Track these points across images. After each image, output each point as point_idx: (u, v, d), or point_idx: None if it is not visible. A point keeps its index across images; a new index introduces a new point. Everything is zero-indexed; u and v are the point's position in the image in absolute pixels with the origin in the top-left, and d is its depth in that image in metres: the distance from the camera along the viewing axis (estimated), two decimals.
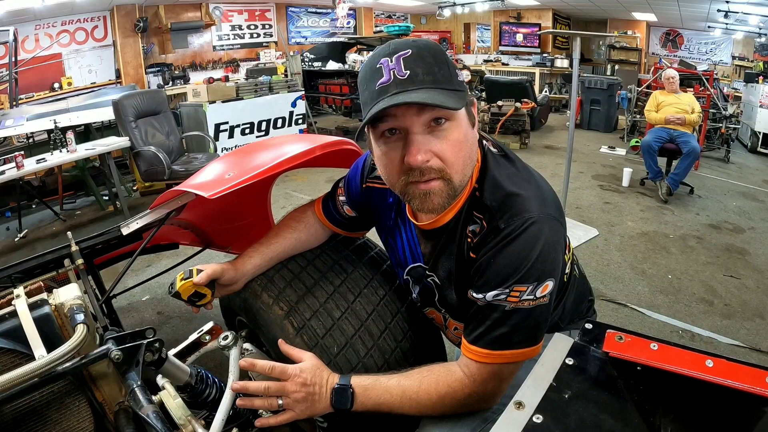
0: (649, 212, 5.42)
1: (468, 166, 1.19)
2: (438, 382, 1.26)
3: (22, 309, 1.55)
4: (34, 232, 5.56)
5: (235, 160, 1.96)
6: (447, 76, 1.09)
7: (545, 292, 1.14)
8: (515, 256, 1.13)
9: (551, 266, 1.14)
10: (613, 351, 0.94)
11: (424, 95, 1.05)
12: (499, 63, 13.77)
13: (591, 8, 12.11)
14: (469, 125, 1.16)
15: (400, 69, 1.07)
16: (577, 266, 1.55)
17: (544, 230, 1.13)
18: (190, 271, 1.56)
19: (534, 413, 0.79)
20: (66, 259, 2.04)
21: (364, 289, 1.67)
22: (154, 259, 3.86)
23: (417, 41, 1.10)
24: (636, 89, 8.96)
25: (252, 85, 7.23)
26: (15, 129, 6.09)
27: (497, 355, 1.18)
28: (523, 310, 1.14)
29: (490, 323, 1.18)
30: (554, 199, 1.23)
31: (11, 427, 1.47)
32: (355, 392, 1.29)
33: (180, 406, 1.60)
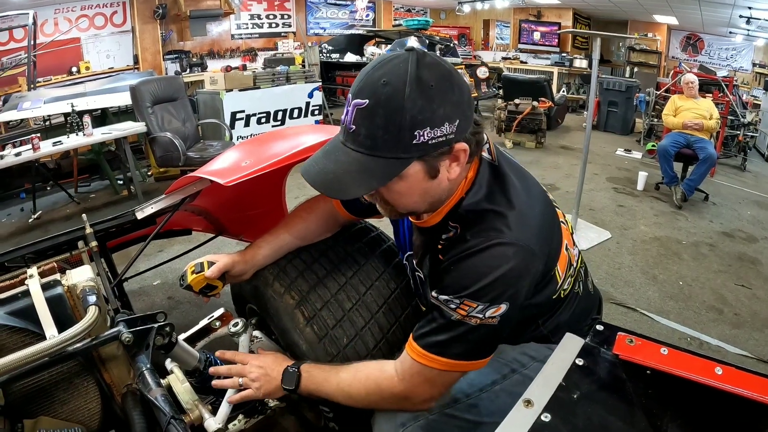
0: (662, 217, 5.37)
1: (422, 204, 1.19)
2: (368, 377, 1.31)
3: (35, 289, 1.56)
4: (48, 213, 5.60)
5: (251, 148, 1.97)
6: (392, 141, 1.02)
7: (496, 314, 1.12)
8: (473, 271, 1.13)
9: (510, 292, 1.12)
10: (624, 354, 0.94)
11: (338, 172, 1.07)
12: (518, 61, 13.70)
13: (612, 9, 12.00)
14: (424, 178, 1.11)
15: (351, 120, 1.06)
16: (583, 284, 1.49)
17: (509, 255, 1.11)
18: (201, 264, 1.59)
19: (542, 412, 0.80)
20: (80, 241, 2.05)
21: (375, 281, 1.68)
22: (166, 245, 3.89)
23: (386, 86, 1.01)
24: (654, 92, 8.86)
25: (269, 75, 7.21)
26: (32, 111, 6.12)
27: (431, 358, 1.19)
28: (467, 324, 1.13)
29: (434, 326, 1.19)
30: (538, 226, 1.20)
31: (19, 406, 1.48)
32: (301, 375, 1.40)
33: (187, 391, 1.62)
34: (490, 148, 1.25)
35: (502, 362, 1.40)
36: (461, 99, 1.06)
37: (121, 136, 5.29)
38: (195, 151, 5.39)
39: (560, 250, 1.29)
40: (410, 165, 1.06)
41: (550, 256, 1.24)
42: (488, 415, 1.37)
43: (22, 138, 5.48)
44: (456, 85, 1.06)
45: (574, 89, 12.68)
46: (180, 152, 5.08)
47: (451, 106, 1.04)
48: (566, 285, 1.36)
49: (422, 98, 1.00)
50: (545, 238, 1.22)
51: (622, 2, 11.14)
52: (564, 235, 1.33)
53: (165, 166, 5.58)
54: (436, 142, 1.04)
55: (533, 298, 1.23)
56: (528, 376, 1.37)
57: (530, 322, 1.39)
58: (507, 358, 1.41)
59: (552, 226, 1.28)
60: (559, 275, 1.30)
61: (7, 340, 1.51)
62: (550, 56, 13.46)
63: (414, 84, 1.00)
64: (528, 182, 1.28)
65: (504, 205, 1.17)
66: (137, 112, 5.42)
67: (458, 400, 1.35)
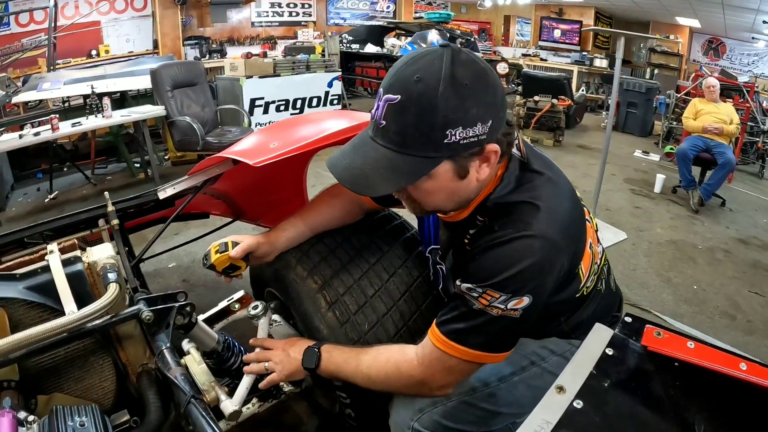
0: (678, 221, 5.34)
1: (449, 203, 1.20)
2: (389, 360, 1.31)
3: (55, 264, 1.57)
4: (64, 194, 5.66)
5: (277, 131, 1.96)
6: (422, 140, 1.02)
7: (518, 306, 1.11)
8: (498, 262, 1.12)
9: (533, 285, 1.11)
10: (652, 345, 0.95)
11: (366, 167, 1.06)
12: (538, 58, 13.62)
13: (634, 9, 11.89)
14: (453, 178, 1.11)
15: (381, 115, 1.04)
16: (606, 282, 1.48)
17: (535, 248, 1.10)
18: (226, 244, 1.59)
19: (575, 398, 0.80)
20: (101, 219, 2.06)
21: (398, 269, 1.68)
22: (182, 228, 3.91)
23: (419, 82, 1.00)
24: (675, 95, 8.79)
25: (290, 63, 7.21)
26: (51, 92, 6.15)
27: (451, 346, 1.19)
28: (489, 315, 1.13)
29: (456, 314, 1.19)
30: (566, 222, 1.18)
31: (34, 382, 1.49)
32: (321, 355, 1.41)
33: (204, 372, 1.62)
34: (519, 145, 1.24)
35: (521, 354, 1.40)
36: (495, 99, 1.06)
37: (140, 118, 5.31)
38: (213, 136, 5.40)
39: (585, 248, 1.29)
40: (440, 164, 1.06)
41: (576, 254, 1.24)
42: (505, 405, 1.38)
43: (41, 119, 5.50)
44: (491, 85, 1.05)
45: (594, 89, 12.60)
46: (198, 137, 5.09)
47: (484, 107, 1.03)
48: (589, 283, 1.35)
49: (456, 97, 0.99)
50: (572, 235, 1.21)
51: (645, 3, 11.03)
52: (589, 233, 1.33)
53: (183, 150, 5.61)
54: (468, 142, 1.03)
55: (556, 295, 1.23)
56: (547, 370, 1.39)
57: (552, 319, 1.38)
58: (527, 350, 1.41)
59: (579, 223, 1.27)
60: (583, 274, 1.29)
61: (25, 316, 1.51)
62: (570, 54, 13.37)
63: (448, 82, 0.99)
64: (558, 178, 1.26)
65: (532, 198, 1.16)
66: (157, 96, 5.44)
67: (476, 389, 1.36)
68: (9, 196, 5.66)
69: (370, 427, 1.73)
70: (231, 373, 1.70)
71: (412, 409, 1.36)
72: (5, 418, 1.01)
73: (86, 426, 1.17)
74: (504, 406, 1.38)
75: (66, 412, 1.19)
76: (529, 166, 1.22)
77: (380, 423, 1.69)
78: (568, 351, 1.40)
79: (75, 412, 1.20)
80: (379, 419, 1.67)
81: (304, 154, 1.62)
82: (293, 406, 2.32)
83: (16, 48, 7.35)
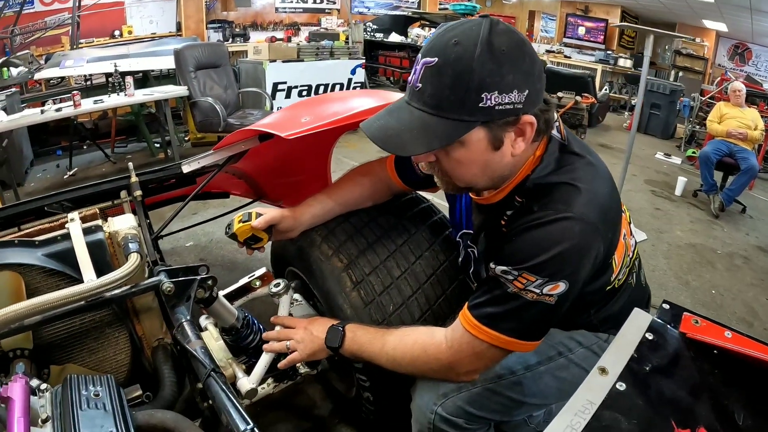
0: (698, 224, 5.29)
1: (481, 177, 1.17)
2: (416, 342, 1.29)
3: (75, 233, 1.56)
4: (84, 171, 5.72)
5: (307, 107, 1.94)
6: (457, 102, 1.01)
7: (554, 292, 1.09)
8: (536, 244, 1.10)
9: (570, 269, 1.09)
10: (690, 332, 0.94)
11: (401, 128, 1.07)
12: (562, 55, 13.49)
13: (661, 10, 11.74)
14: (487, 148, 1.10)
15: (418, 78, 1.05)
16: (637, 275, 1.46)
17: (575, 231, 1.08)
18: (249, 214, 1.56)
19: (617, 380, 0.79)
20: (123, 190, 2.05)
21: (425, 252, 1.66)
22: (201, 207, 3.93)
23: (457, 45, 1.00)
24: (699, 98, 8.69)
25: (314, 48, 7.18)
26: (74, 69, 6.20)
27: (482, 330, 1.17)
28: (523, 299, 1.11)
29: (489, 297, 1.17)
30: (606, 208, 1.16)
31: (47, 351, 1.50)
32: (345, 335, 1.38)
33: (221, 349, 1.62)
34: (560, 128, 1.22)
35: (549, 344, 1.38)
36: (532, 69, 1.04)
37: (162, 98, 5.33)
38: (235, 118, 5.40)
39: (620, 237, 1.26)
40: (473, 130, 1.05)
41: (612, 242, 1.21)
42: (530, 395, 1.37)
43: (63, 96, 5.53)
44: (528, 54, 1.04)
45: (617, 88, 12.47)
46: (220, 118, 5.10)
47: (521, 75, 1.02)
48: (621, 275, 1.33)
49: (492, 61, 0.99)
50: (610, 221, 1.19)
51: (672, 4, 10.90)
52: (624, 224, 1.30)
53: (204, 131, 5.62)
54: (503, 108, 1.02)
55: (590, 284, 1.21)
56: (573, 361, 1.38)
57: (583, 311, 1.36)
58: (554, 340, 1.39)
59: (616, 211, 1.24)
60: (616, 264, 1.28)
61: (42, 283, 1.51)
62: (595, 53, 13.23)
63: (485, 46, 0.98)
64: (598, 163, 1.24)
65: (573, 181, 1.14)
66: (180, 76, 5.45)
67: (502, 376, 1.35)
68: (28, 171, 5.70)
69: (386, 412, 1.72)
70: (249, 351, 1.69)
71: (436, 393, 1.35)
72: (18, 383, 1.00)
73: (101, 396, 1.15)
74: (528, 396, 1.38)
75: (80, 381, 1.17)
76: (569, 148, 1.21)
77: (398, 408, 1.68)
78: (595, 344, 1.39)
79: (89, 381, 1.19)
80: (398, 404, 1.66)
81: (330, 133, 1.61)
82: (307, 388, 2.32)
83: (39, 26, 7.36)
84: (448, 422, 1.33)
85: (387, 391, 1.64)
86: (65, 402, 1.09)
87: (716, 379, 0.88)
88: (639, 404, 0.78)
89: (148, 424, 1.22)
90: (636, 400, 0.78)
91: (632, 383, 0.80)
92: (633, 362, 0.85)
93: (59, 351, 1.56)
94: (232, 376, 1.54)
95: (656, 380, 0.83)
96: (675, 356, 0.91)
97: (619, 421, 0.76)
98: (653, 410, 0.78)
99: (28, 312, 1.24)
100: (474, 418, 1.34)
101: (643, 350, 0.87)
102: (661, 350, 0.90)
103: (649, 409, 0.78)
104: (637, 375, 0.83)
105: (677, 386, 0.83)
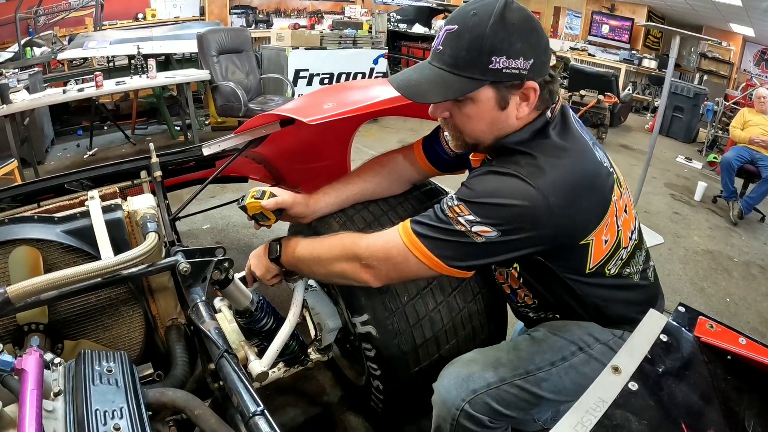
0: (716, 231, 5.22)
1: (488, 134, 1.28)
2: (341, 240, 1.40)
3: (95, 210, 1.58)
4: (103, 151, 5.78)
5: (330, 93, 1.94)
6: (471, 61, 1.15)
7: (483, 234, 1.19)
8: (480, 186, 1.23)
9: (505, 225, 1.17)
10: (705, 336, 0.93)
11: (421, 81, 1.22)
12: (586, 53, 13.33)
13: (688, 11, 11.57)
14: (494, 107, 1.23)
15: (440, 42, 1.21)
16: (641, 275, 1.49)
17: (518, 190, 1.17)
18: (263, 192, 1.59)
19: (630, 380, 0.80)
20: (143, 171, 2.07)
21: None
22: (219, 191, 3.95)
23: (475, 16, 1.15)
24: (723, 103, 8.56)
25: (337, 36, 7.18)
26: (97, 51, 6.25)
27: (409, 234, 1.27)
28: (453, 226, 1.22)
29: (428, 215, 1.28)
30: (569, 186, 1.20)
31: (62, 327, 1.53)
32: (282, 245, 1.53)
33: (234, 331, 1.63)
34: (554, 108, 1.30)
35: (568, 340, 1.44)
36: (539, 42, 1.19)
37: (184, 81, 5.36)
38: (256, 104, 5.44)
39: (599, 223, 1.28)
40: (483, 89, 1.19)
41: (577, 223, 1.25)
42: (555, 392, 1.40)
43: (85, 76, 5.57)
44: (535, 29, 1.18)
45: (640, 89, 12.33)
46: (241, 103, 5.14)
47: (528, 45, 1.16)
48: (611, 265, 1.37)
49: (503, 31, 1.13)
50: (569, 199, 1.20)
51: (700, 6, 10.73)
52: (611, 212, 1.31)
53: (225, 116, 5.65)
54: (510, 72, 1.16)
55: (560, 260, 1.33)
56: (593, 357, 1.41)
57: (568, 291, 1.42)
58: (573, 336, 1.44)
59: (584, 196, 1.25)
60: (593, 248, 1.31)
61: (60, 259, 1.53)
62: (619, 52, 13.07)
63: (498, 18, 1.13)
64: (576, 150, 1.28)
65: (537, 151, 1.23)
66: (202, 60, 5.48)
67: (530, 372, 1.39)
68: (48, 150, 5.77)
69: (395, 402, 1.73)
70: (261, 335, 1.70)
71: (466, 389, 1.37)
72: (33, 356, 1.01)
73: (113, 372, 1.16)
74: (553, 393, 1.40)
75: (93, 357, 1.19)
76: (547, 126, 1.28)
77: (407, 399, 1.68)
78: (611, 340, 1.43)
79: (103, 357, 1.20)
80: (407, 395, 1.67)
81: (352, 121, 1.61)
82: (317, 375, 2.34)
83: (63, 7, 7.42)
84: (473, 419, 1.36)
85: (397, 382, 1.64)
86: (78, 376, 1.11)
87: (728, 385, 0.88)
88: (650, 405, 0.78)
89: (158, 402, 1.23)
90: (647, 401, 0.78)
91: (644, 384, 0.80)
92: (646, 363, 0.85)
93: (74, 326, 1.59)
94: (244, 359, 1.56)
95: (668, 382, 0.83)
96: (688, 359, 0.91)
97: (629, 420, 0.76)
98: (664, 412, 0.78)
99: (44, 287, 1.25)
100: (499, 416, 1.37)
101: (657, 351, 0.88)
102: (675, 352, 0.91)
103: (660, 410, 0.78)
104: (649, 376, 0.83)
105: (689, 390, 0.83)
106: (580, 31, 14.02)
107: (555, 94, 1.29)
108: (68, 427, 0.99)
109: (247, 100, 5.26)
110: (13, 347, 1.49)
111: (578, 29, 14.08)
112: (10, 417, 0.96)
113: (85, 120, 6.25)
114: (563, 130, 1.30)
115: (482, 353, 1.47)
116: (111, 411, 1.03)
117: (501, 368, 1.39)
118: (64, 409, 1.04)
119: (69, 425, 0.99)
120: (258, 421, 1.01)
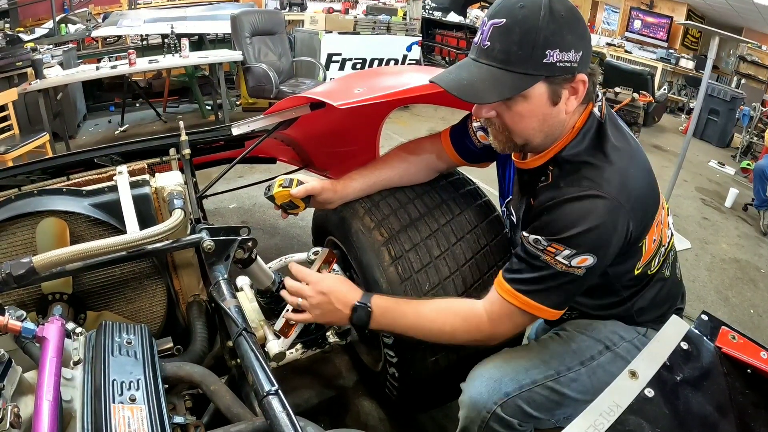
0: (745, 240, 5.10)
1: (539, 132, 1.24)
2: (456, 314, 1.35)
3: (123, 185, 1.60)
4: (134, 128, 5.87)
5: (361, 79, 1.93)
6: (524, 57, 1.11)
7: (581, 264, 1.18)
8: (565, 219, 1.19)
9: (596, 244, 1.17)
10: (726, 347, 0.92)
11: (473, 80, 1.16)
12: (622, 49, 13.08)
13: (729, 12, 11.27)
14: (546, 103, 1.19)
15: (486, 38, 1.15)
16: (671, 269, 1.51)
17: (600, 207, 1.16)
18: (291, 180, 1.59)
19: (646, 386, 0.79)
20: (172, 148, 2.08)
21: (467, 234, 1.66)
22: (247, 171, 3.98)
23: (523, 9, 1.10)
24: (760, 109, 8.37)
25: (370, 22, 7.13)
26: (131, 29, 6.32)
27: (517, 296, 1.25)
28: (553, 268, 1.20)
29: (523, 266, 1.26)
30: (634, 188, 1.22)
31: (86, 298, 1.55)
32: (372, 312, 1.39)
33: (255, 310, 1.65)
34: (602, 107, 1.29)
35: (595, 339, 1.45)
36: (585, 33, 1.17)
37: (217, 61, 5.41)
38: (287, 86, 5.46)
39: (652, 223, 1.30)
40: (536, 84, 1.15)
41: (643, 224, 1.26)
42: (582, 392, 1.40)
43: (118, 54, 5.65)
44: (581, 20, 1.16)
45: (676, 89, 12.08)
46: (273, 85, 5.16)
47: (577, 37, 1.13)
48: (655, 263, 1.39)
49: (554, 23, 1.10)
50: (640, 203, 1.23)
51: (741, 7, 10.47)
52: (660, 212, 1.34)
53: (256, 97, 5.68)
54: (563, 65, 1.13)
55: (618, 264, 1.29)
56: (619, 355, 1.43)
57: (613, 293, 1.42)
58: (600, 335, 1.45)
59: (648, 196, 1.28)
60: (646, 248, 1.32)
61: (86, 232, 1.55)
62: (657, 51, 12.81)
63: (548, 10, 1.09)
64: (632, 147, 1.29)
65: (602, 160, 1.22)
66: (235, 41, 5.51)
67: (560, 373, 1.40)
68: (80, 125, 5.88)
69: (410, 391, 1.74)
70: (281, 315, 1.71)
71: (498, 391, 1.36)
72: (55, 325, 1.04)
73: (133, 344, 1.19)
74: (581, 393, 1.40)
75: (114, 328, 1.21)
76: (604, 127, 1.27)
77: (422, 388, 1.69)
78: (636, 338, 1.45)
79: (123, 329, 1.23)
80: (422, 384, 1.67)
81: (382, 107, 1.60)
82: (334, 358, 2.35)
83: None
84: (503, 422, 1.36)
85: (413, 370, 1.65)
86: (98, 346, 1.13)
87: (747, 399, 0.86)
88: (665, 413, 0.77)
89: (176, 376, 1.26)
90: (662, 409, 0.77)
91: (661, 391, 0.80)
92: (664, 369, 0.84)
93: (97, 298, 1.62)
94: (263, 338, 1.57)
95: (685, 391, 0.82)
96: (707, 370, 0.90)
97: (642, 427, 0.76)
98: (678, 421, 0.78)
99: (70, 258, 1.26)
100: (528, 418, 1.38)
101: (676, 359, 0.87)
102: (694, 361, 0.89)
103: (675, 420, 0.77)
104: (666, 383, 0.82)
105: (706, 401, 0.82)
106: (617, 27, 13.75)
107: (596, 83, 1.27)
108: (85, 395, 1.01)
109: (279, 82, 5.28)
110: (37, 315, 1.52)
111: (615, 25, 13.81)
112: (29, 383, 0.98)
113: (117, 97, 6.33)
114: (616, 129, 1.29)
115: (512, 353, 1.47)
116: (128, 382, 1.05)
117: (533, 370, 1.39)
118: (82, 378, 1.07)
119: (86, 394, 1.02)
120: (272, 400, 1.01)
